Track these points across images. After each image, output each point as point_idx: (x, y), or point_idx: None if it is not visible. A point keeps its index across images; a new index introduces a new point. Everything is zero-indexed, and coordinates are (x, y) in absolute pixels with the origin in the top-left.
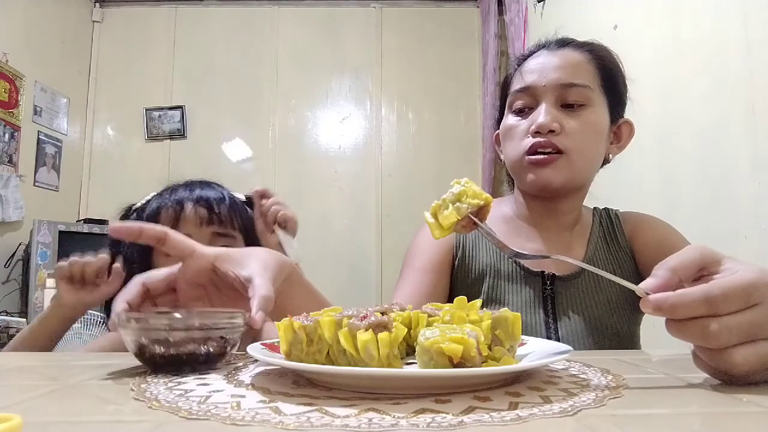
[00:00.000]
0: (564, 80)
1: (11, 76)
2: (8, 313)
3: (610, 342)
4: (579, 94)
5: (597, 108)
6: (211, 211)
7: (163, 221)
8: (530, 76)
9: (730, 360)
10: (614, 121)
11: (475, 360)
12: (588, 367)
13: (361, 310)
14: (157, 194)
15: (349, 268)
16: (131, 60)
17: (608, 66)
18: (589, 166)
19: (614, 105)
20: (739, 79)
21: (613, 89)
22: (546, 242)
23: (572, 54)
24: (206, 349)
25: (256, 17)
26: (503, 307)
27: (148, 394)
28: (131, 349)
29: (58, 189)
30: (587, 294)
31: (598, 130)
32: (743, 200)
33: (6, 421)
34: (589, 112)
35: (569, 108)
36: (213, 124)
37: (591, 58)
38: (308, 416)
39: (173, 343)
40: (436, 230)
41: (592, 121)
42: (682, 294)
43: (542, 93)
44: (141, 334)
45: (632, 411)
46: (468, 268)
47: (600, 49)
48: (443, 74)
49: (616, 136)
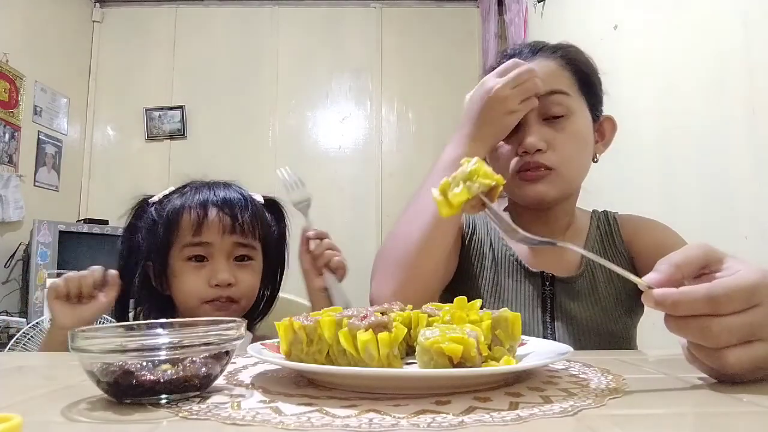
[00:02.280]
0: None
1: (11, 76)
2: (8, 313)
3: (606, 343)
4: (559, 103)
5: (578, 114)
6: (235, 219)
7: (185, 223)
8: None
9: (723, 360)
10: (595, 119)
11: (475, 360)
12: (588, 367)
13: (361, 310)
14: (177, 189)
15: (349, 268)
16: (131, 60)
17: (582, 69)
18: (580, 173)
19: (593, 104)
20: (739, 79)
21: (590, 89)
22: (540, 247)
23: (546, 63)
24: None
25: (256, 17)
26: (502, 303)
27: None
28: (86, 372)
29: (58, 189)
30: (585, 296)
31: (583, 138)
32: (743, 200)
33: (6, 421)
34: (571, 122)
35: (553, 120)
36: (213, 124)
37: (564, 64)
38: (308, 416)
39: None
40: (444, 208)
41: (576, 131)
42: (685, 291)
43: None
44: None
45: (632, 411)
46: (474, 253)
47: (572, 51)
48: (443, 74)
49: (600, 133)
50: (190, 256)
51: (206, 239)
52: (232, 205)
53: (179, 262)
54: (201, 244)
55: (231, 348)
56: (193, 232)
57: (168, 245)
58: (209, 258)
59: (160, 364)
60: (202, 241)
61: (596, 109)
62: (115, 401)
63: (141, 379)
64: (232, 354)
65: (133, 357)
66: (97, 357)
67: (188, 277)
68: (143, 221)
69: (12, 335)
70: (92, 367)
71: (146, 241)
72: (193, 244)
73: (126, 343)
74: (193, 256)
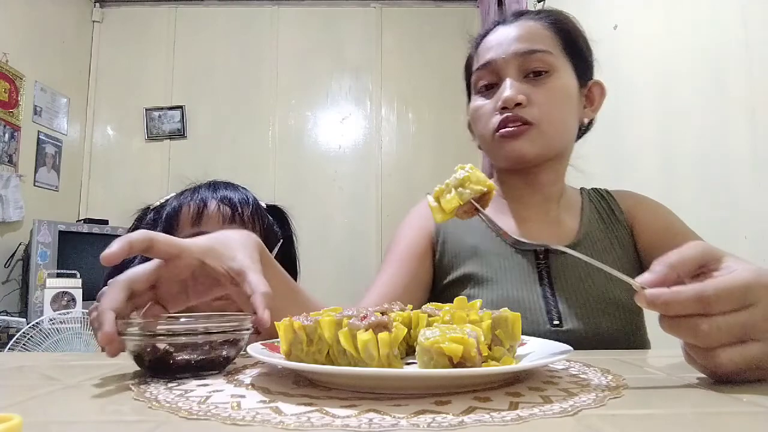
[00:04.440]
0: (523, 49)
1: (11, 76)
2: (8, 313)
3: (613, 314)
4: (541, 60)
5: (562, 73)
6: (235, 210)
7: (184, 218)
8: (489, 52)
9: (715, 359)
10: (584, 84)
11: (475, 360)
12: (588, 367)
13: (361, 310)
14: (177, 194)
15: (349, 268)
16: (131, 60)
17: (567, 29)
18: (563, 132)
19: (580, 68)
20: (739, 79)
21: (576, 52)
22: (534, 218)
23: (529, 23)
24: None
25: (256, 17)
26: (498, 285)
27: (148, 394)
28: (131, 354)
29: (58, 189)
30: (584, 264)
31: (565, 95)
32: (743, 200)
33: (6, 421)
34: (554, 78)
35: (534, 78)
36: (213, 124)
37: (548, 24)
38: (308, 416)
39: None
40: (438, 214)
41: (558, 87)
42: (677, 291)
43: (503, 66)
44: (142, 341)
45: (632, 411)
46: (455, 251)
47: (557, 14)
48: (443, 74)
49: (588, 99)
50: None
51: (206, 230)
52: (231, 199)
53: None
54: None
55: (243, 336)
56: (192, 223)
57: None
58: None
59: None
60: (200, 231)
61: (584, 74)
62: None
63: (176, 359)
64: (244, 341)
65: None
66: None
67: None
68: (144, 224)
69: (12, 335)
70: (137, 349)
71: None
72: (192, 236)
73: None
74: None
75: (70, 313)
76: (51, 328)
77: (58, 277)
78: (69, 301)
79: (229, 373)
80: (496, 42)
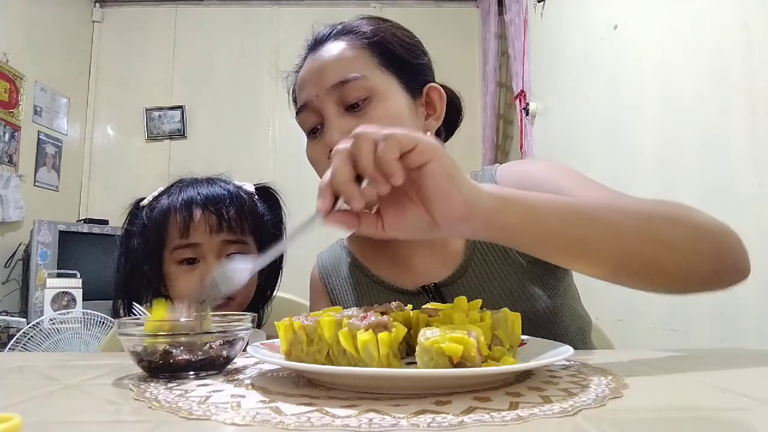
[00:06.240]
0: (334, 80)
1: (11, 76)
2: (8, 313)
3: (526, 327)
4: (356, 88)
5: (386, 94)
6: (221, 217)
7: (172, 226)
8: (303, 91)
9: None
10: (418, 94)
11: (475, 360)
12: (588, 367)
13: (361, 311)
14: (164, 190)
15: None
16: (131, 60)
17: (380, 40)
18: None
19: (406, 79)
20: (739, 79)
21: (398, 63)
22: (416, 250)
23: (338, 45)
24: (211, 355)
25: (256, 17)
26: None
27: (148, 394)
28: (130, 353)
29: (58, 189)
30: (477, 284)
31: (395, 118)
32: (743, 200)
33: (6, 421)
34: (375, 104)
35: (354, 109)
36: (213, 124)
37: (358, 42)
38: (308, 416)
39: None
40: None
41: (382, 112)
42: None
43: (320, 105)
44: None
45: (632, 411)
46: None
47: (366, 24)
48: (443, 74)
49: (429, 106)
50: (181, 260)
51: (194, 240)
52: (216, 203)
53: (172, 266)
54: (190, 245)
55: (242, 336)
56: (180, 234)
57: (159, 250)
58: (201, 258)
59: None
60: (190, 242)
61: (414, 82)
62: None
63: (177, 359)
64: (244, 341)
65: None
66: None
67: (181, 280)
68: (136, 226)
69: (12, 335)
70: (136, 348)
71: (140, 246)
72: (182, 247)
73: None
74: (183, 259)
75: (70, 313)
76: (51, 328)
77: (58, 277)
78: (69, 301)
79: (229, 373)
80: (308, 77)
